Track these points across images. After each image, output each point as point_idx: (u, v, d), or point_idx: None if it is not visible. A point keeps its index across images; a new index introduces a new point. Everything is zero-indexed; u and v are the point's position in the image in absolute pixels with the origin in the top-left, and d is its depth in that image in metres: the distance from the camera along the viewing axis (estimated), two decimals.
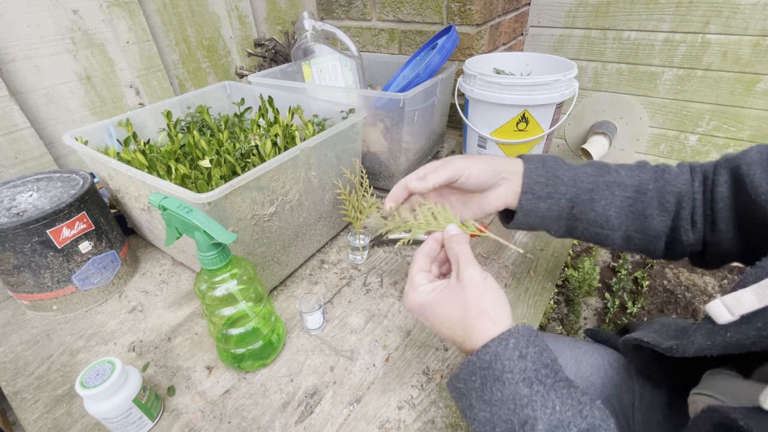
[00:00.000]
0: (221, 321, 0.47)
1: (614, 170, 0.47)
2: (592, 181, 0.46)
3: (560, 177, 0.46)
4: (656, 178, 0.45)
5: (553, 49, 1.24)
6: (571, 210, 0.47)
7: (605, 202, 0.45)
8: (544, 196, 0.47)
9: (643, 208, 0.45)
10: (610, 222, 0.46)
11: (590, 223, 0.46)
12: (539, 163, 0.47)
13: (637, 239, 0.46)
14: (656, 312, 1.39)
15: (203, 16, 0.95)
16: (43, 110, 0.75)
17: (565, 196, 0.46)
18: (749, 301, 0.32)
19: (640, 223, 0.45)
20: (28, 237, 0.54)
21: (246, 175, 0.50)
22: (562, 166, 0.47)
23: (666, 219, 0.44)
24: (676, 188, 0.44)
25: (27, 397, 0.50)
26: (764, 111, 1.05)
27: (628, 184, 0.45)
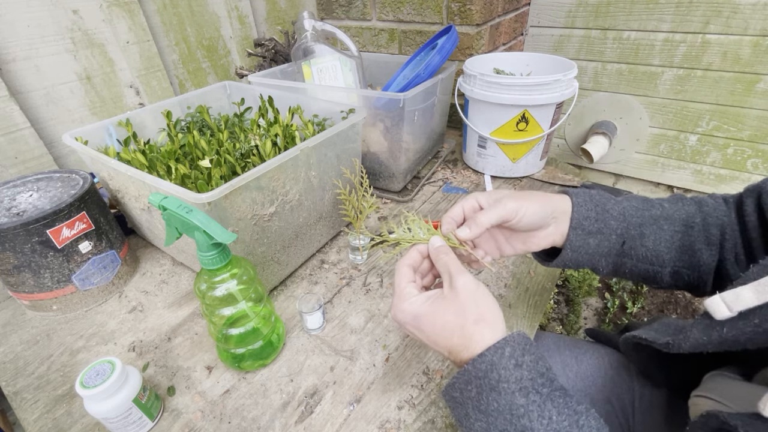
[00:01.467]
0: (221, 321, 0.47)
1: (658, 204, 0.45)
2: (640, 215, 0.44)
3: (609, 211, 0.44)
4: (699, 211, 0.44)
5: (553, 49, 1.24)
6: (621, 246, 0.45)
7: (655, 237, 0.44)
8: (594, 231, 0.44)
9: (691, 242, 0.43)
10: (660, 258, 0.44)
11: (640, 260, 0.45)
12: (587, 198, 0.45)
13: (686, 275, 0.45)
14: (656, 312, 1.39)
15: (203, 16, 0.95)
16: (43, 110, 0.75)
17: (615, 231, 0.44)
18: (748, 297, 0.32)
19: (688, 258, 0.44)
20: (28, 237, 0.54)
21: (246, 175, 0.50)
22: (609, 200, 0.45)
23: (713, 253, 0.43)
24: (719, 220, 0.43)
25: (27, 397, 0.50)
26: (764, 111, 1.05)
27: (676, 217, 0.44)
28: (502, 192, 0.46)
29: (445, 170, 0.96)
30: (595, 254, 0.45)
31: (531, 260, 0.68)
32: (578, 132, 1.34)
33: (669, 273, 0.45)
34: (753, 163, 1.13)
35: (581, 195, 0.46)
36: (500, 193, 0.45)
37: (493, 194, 0.45)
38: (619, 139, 1.28)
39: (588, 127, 1.31)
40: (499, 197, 0.44)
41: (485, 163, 0.91)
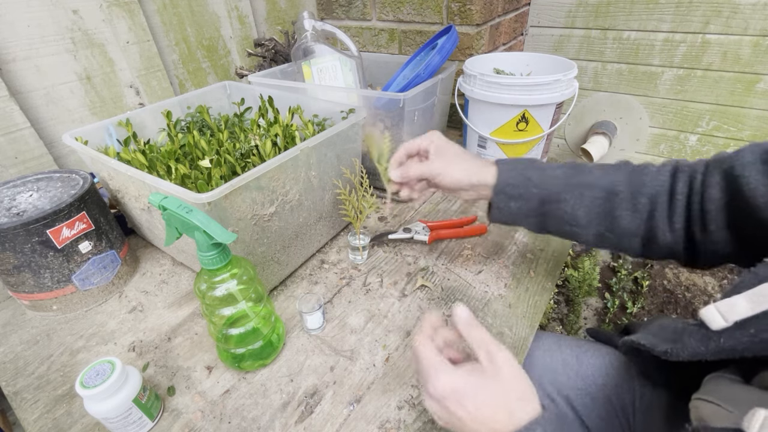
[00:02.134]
0: (221, 321, 0.47)
1: (587, 171, 0.49)
2: (562, 183, 0.48)
3: (531, 179, 0.49)
4: (630, 180, 0.46)
5: (553, 49, 1.24)
6: (541, 208, 0.49)
7: (574, 202, 0.48)
8: (515, 196, 0.50)
9: (613, 208, 0.46)
10: (578, 221, 0.48)
11: (560, 222, 0.49)
12: (511, 166, 0.51)
13: (610, 237, 0.48)
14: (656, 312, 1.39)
15: (203, 16, 0.95)
16: (43, 110, 0.75)
17: (536, 196, 0.49)
18: (743, 307, 0.33)
19: (609, 223, 0.47)
20: (28, 237, 0.54)
21: (246, 175, 0.50)
22: (535, 169, 0.50)
23: (637, 220, 0.46)
24: (651, 189, 0.45)
25: (27, 397, 0.50)
26: (764, 111, 1.05)
27: (598, 185, 0.47)
28: (446, 147, 0.53)
29: None
30: (518, 215, 0.51)
31: (531, 260, 0.68)
32: (578, 132, 1.34)
33: (592, 234, 0.49)
34: None
35: (508, 163, 0.52)
36: (444, 148, 0.53)
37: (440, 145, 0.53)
38: (619, 139, 1.28)
39: (588, 127, 1.31)
40: (439, 151, 0.53)
41: None
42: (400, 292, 0.63)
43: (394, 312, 0.59)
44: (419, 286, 0.64)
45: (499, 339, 0.55)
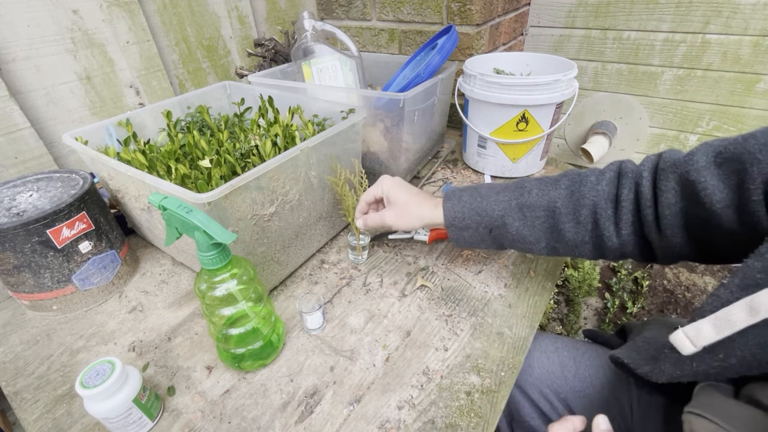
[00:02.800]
0: (221, 321, 0.47)
1: (527, 191, 0.51)
2: (503, 207, 0.52)
3: (475, 209, 0.53)
4: (570, 193, 0.48)
5: (553, 49, 1.24)
6: (490, 233, 0.54)
7: (518, 224, 0.51)
8: (463, 227, 0.55)
9: (555, 223, 0.49)
10: (527, 239, 0.51)
11: (510, 242, 0.53)
12: (456, 200, 0.55)
13: (561, 248, 0.51)
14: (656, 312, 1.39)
15: (203, 16, 0.95)
16: (43, 110, 0.75)
17: (480, 224, 0.53)
18: (708, 332, 0.33)
19: (557, 236, 0.50)
20: (28, 237, 0.54)
21: (246, 175, 0.50)
22: (476, 198, 0.54)
23: (582, 231, 0.48)
24: (590, 201, 0.47)
25: (27, 397, 0.50)
26: (764, 111, 1.05)
27: (538, 204, 0.50)
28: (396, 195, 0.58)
29: (445, 170, 0.96)
30: (472, 241, 0.56)
31: (531, 260, 0.68)
32: (578, 132, 1.34)
33: (544, 248, 0.52)
34: None
35: (453, 199, 0.55)
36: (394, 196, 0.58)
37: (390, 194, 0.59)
38: (619, 139, 1.28)
39: (588, 127, 1.31)
40: (390, 201, 0.59)
41: (485, 163, 0.91)
42: (400, 292, 0.63)
43: (394, 312, 0.59)
44: (419, 286, 0.64)
45: (499, 339, 0.55)
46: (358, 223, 0.62)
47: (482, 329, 0.56)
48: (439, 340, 0.55)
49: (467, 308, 0.59)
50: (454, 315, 0.58)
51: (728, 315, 0.32)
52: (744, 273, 0.33)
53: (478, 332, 0.56)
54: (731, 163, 0.38)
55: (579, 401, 0.56)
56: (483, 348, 0.54)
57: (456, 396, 0.48)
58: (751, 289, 0.32)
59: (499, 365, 0.51)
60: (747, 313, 0.31)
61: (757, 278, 0.32)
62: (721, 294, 0.34)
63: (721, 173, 0.38)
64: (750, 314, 0.31)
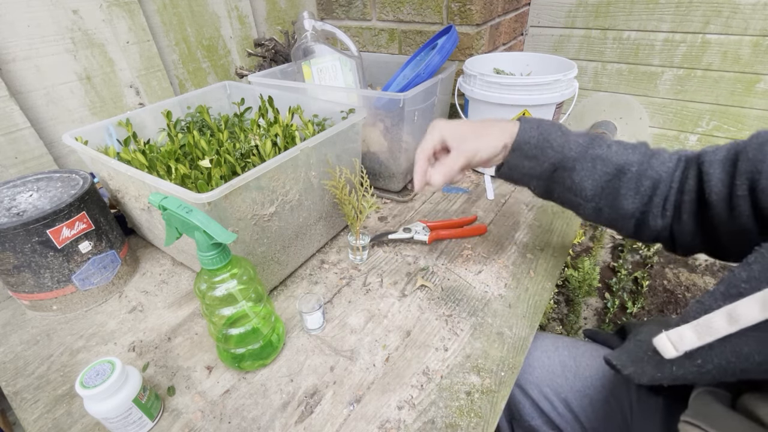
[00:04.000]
0: (221, 321, 0.47)
1: (606, 145, 0.48)
2: (580, 151, 0.48)
3: (550, 141, 0.49)
4: (642, 161, 0.46)
5: (553, 49, 1.24)
6: (552, 173, 0.50)
7: (585, 173, 0.48)
8: (530, 155, 0.50)
9: (618, 186, 0.47)
10: (584, 192, 0.48)
11: (566, 189, 0.49)
12: (535, 125, 0.50)
13: (607, 213, 0.49)
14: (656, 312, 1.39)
15: (203, 16, 0.95)
16: (43, 110, 0.75)
17: (549, 159, 0.49)
18: (690, 338, 0.34)
19: (612, 200, 0.47)
20: (28, 237, 0.54)
21: (246, 175, 0.50)
22: (556, 132, 0.50)
23: (637, 201, 0.46)
24: (656, 174, 0.45)
25: (27, 397, 0.50)
26: (764, 111, 1.05)
27: (613, 161, 0.47)
28: (459, 128, 0.52)
29: None
30: (527, 174, 0.51)
31: (531, 260, 0.68)
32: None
33: (591, 207, 0.49)
34: None
35: (531, 122, 0.51)
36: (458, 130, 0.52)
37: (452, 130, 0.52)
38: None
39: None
40: (456, 136, 0.52)
41: None
42: (400, 292, 0.63)
43: (394, 312, 0.59)
44: (419, 286, 0.64)
45: (499, 339, 0.55)
46: (436, 178, 0.52)
47: (482, 329, 0.56)
48: (439, 340, 0.55)
49: (467, 308, 0.59)
50: (454, 315, 0.58)
51: (709, 322, 0.33)
52: (729, 281, 0.33)
53: (478, 332, 0.56)
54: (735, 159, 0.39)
55: (579, 401, 0.56)
56: (483, 348, 0.54)
57: (456, 396, 0.48)
58: (734, 298, 0.32)
59: (499, 365, 0.51)
60: (727, 322, 0.32)
61: (741, 287, 0.32)
62: (705, 301, 0.34)
63: (728, 168, 0.40)
64: (729, 323, 0.32)
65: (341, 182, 0.63)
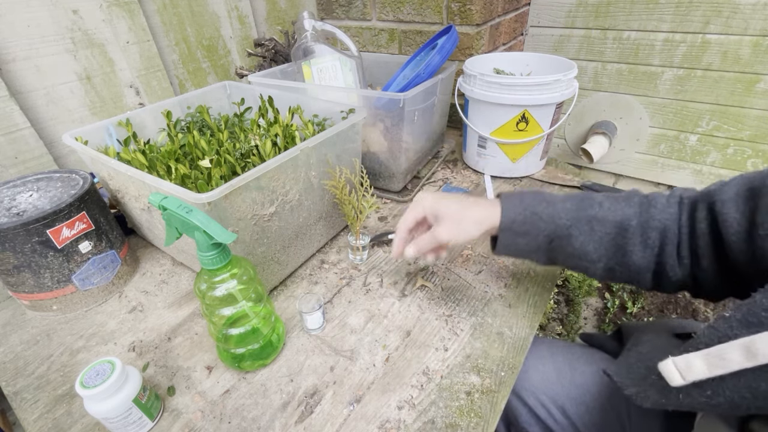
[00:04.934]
0: (221, 321, 0.47)
1: (597, 204, 0.46)
2: (571, 216, 0.46)
3: (539, 214, 0.47)
4: (641, 212, 0.44)
5: (553, 49, 1.24)
6: (549, 244, 0.47)
7: (584, 237, 0.45)
8: (522, 233, 0.48)
9: (624, 243, 0.44)
10: (588, 255, 0.46)
11: (569, 256, 0.47)
12: (517, 201, 0.49)
13: (620, 272, 0.46)
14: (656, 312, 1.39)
15: (203, 16, 0.95)
16: (43, 110, 0.75)
17: (543, 232, 0.47)
18: (699, 368, 0.32)
19: (621, 258, 0.45)
20: (28, 237, 0.54)
21: (246, 175, 0.50)
22: (541, 202, 0.48)
23: (648, 255, 0.44)
24: (660, 224, 0.43)
25: (27, 397, 0.50)
26: (764, 111, 1.05)
27: (610, 219, 0.45)
28: (443, 208, 0.50)
29: (445, 170, 0.96)
30: (525, 250, 0.49)
31: None
32: (578, 132, 1.34)
33: (601, 268, 0.46)
34: (753, 163, 1.13)
35: (512, 198, 0.49)
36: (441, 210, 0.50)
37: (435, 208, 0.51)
38: (619, 139, 1.28)
39: (588, 127, 1.31)
40: (439, 216, 0.50)
41: (485, 163, 0.91)
42: (400, 292, 0.63)
43: (394, 312, 0.59)
44: (419, 286, 0.64)
45: (499, 339, 0.55)
46: (408, 252, 0.52)
47: (482, 329, 0.56)
48: (439, 340, 0.55)
49: (467, 308, 0.59)
50: (454, 315, 0.58)
51: (723, 353, 0.30)
52: (749, 308, 0.30)
53: (478, 332, 0.56)
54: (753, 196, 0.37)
55: (576, 408, 0.55)
56: (483, 348, 0.54)
57: (456, 396, 0.48)
58: (753, 328, 0.29)
59: (499, 365, 0.51)
60: (743, 356, 0.29)
61: (762, 316, 0.29)
62: (720, 327, 0.31)
63: (743, 205, 0.37)
64: (746, 357, 0.29)
65: (341, 182, 0.63)
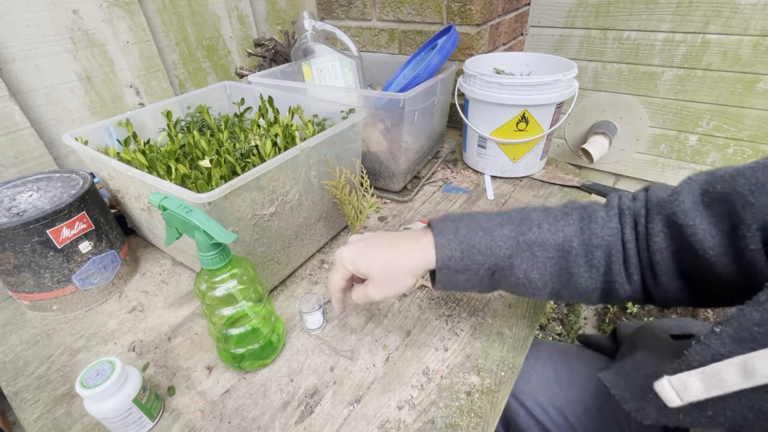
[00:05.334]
0: (221, 321, 0.47)
1: (536, 225, 0.43)
2: (511, 245, 0.42)
3: (476, 246, 0.43)
4: (581, 230, 0.41)
5: (553, 49, 1.24)
6: (491, 277, 0.44)
7: (526, 265, 0.42)
8: (460, 269, 0.43)
9: (568, 266, 0.41)
10: (533, 284, 0.43)
11: (513, 285, 0.44)
12: (451, 235, 0.44)
13: (567, 294, 0.43)
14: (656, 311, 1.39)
15: (203, 16, 0.95)
16: (43, 110, 0.75)
17: (483, 266, 0.43)
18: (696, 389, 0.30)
19: (566, 281, 0.42)
20: (28, 237, 0.54)
21: (246, 175, 0.50)
22: (477, 231, 0.43)
23: (595, 275, 0.41)
24: (604, 241, 0.40)
25: (27, 397, 0.50)
26: (764, 111, 1.05)
27: (551, 242, 0.42)
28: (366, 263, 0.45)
29: (445, 170, 0.96)
30: (466, 286, 0.45)
31: None
32: (578, 132, 1.34)
33: (548, 294, 0.44)
34: None
35: (446, 232, 0.44)
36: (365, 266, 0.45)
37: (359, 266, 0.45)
38: (619, 139, 1.28)
39: (588, 127, 1.31)
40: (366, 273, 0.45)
41: (485, 163, 0.91)
42: None
43: (394, 312, 0.59)
44: (419, 286, 0.64)
45: (499, 339, 0.55)
46: (338, 309, 0.50)
47: (482, 329, 0.56)
48: (439, 340, 0.55)
49: (467, 308, 0.59)
50: (454, 315, 0.58)
51: (719, 373, 0.29)
52: (739, 323, 0.29)
53: (478, 332, 0.56)
54: (720, 205, 0.34)
55: (574, 409, 0.55)
56: (483, 348, 0.54)
57: (456, 396, 0.48)
58: (746, 344, 0.28)
59: (499, 365, 0.51)
60: (740, 376, 0.28)
61: (754, 331, 0.28)
62: (712, 344, 0.30)
63: (711, 216, 0.34)
64: (744, 377, 0.28)
65: (341, 182, 0.63)
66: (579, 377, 0.56)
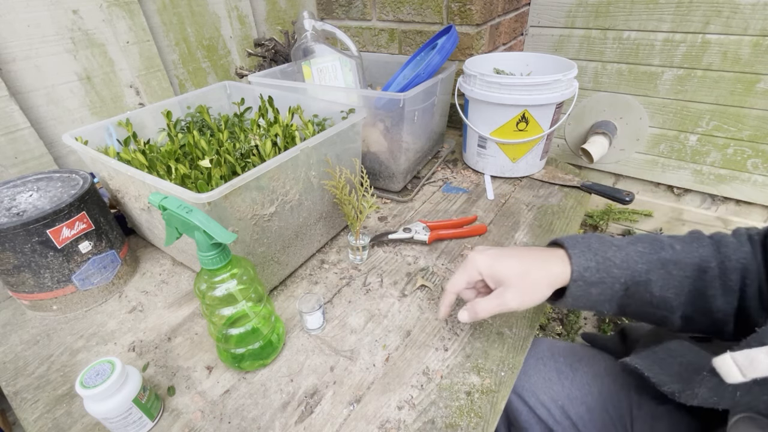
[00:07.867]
0: (221, 321, 0.47)
1: (669, 245, 0.43)
2: (646, 260, 0.42)
3: (611, 259, 0.43)
4: (716, 253, 0.41)
5: (553, 49, 1.24)
6: (625, 292, 0.43)
7: (663, 283, 0.41)
8: (596, 281, 0.43)
9: (704, 288, 0.41)
10: (668, 303, 0.42)
11: (645, 304, 0.43)
12: (585, 247, 0.44)
13: (699, 321, 0.42)
14: None
15: (203, 16, 0.95)
16: (43, 110, 0.75)
17: (618, 280, 0.42)
18: (764, 364, 0.29)
19: (701, 304, 0.41)
20: (28, 237, 0.54)
21: (246, 175, 0.50)
22: (610, 246, 0.44)
23: (731, 299, 0.40)
24: (739, 263, 0.40)
25: (27, 397, 0.50)
26: (764, 111, 1.05)
27: (687, 262, 0.41)
28: (502, 269, 0.45)
29: (445, 170, 0.96)
30: (597, 301, 0.44)
31: None
32: (578, 132, 1.34)
33: (679, 317, 0.43)
34: (753, 163, 1.13)
35: (579, 245, 0.44)
36: (501, 272, 0.45)
37: (494, 269, 0.46)
38: (619, 139, 1.28)
39: (588, 127, 1.31)
40: (501, 278, 0.45)
41: (485, 163, 0.91)
42: (400, 292, 0.63)
43: (394, 312, 0.59)
44: (419, 286, 0.64)
45: (499, 339, 0.55)
46: (462, 317, 0.48)
47: (482, 329, 0.56)
48: (439, 340, 0.55)
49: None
50: (454, 315, 0.58)
51: None
52: None
53: (478, 332, 0.56)
54: None
55: (576, 408, 0.55)
56: (483, 348, 0.54)
57: (456, 396, 0.48)
58: None
59: (499, 365, 0.51)
60: None
61: None
62: None
63: None
64: None
65: (341, 182, 0.63)
66: (583, 375, 0.56)
